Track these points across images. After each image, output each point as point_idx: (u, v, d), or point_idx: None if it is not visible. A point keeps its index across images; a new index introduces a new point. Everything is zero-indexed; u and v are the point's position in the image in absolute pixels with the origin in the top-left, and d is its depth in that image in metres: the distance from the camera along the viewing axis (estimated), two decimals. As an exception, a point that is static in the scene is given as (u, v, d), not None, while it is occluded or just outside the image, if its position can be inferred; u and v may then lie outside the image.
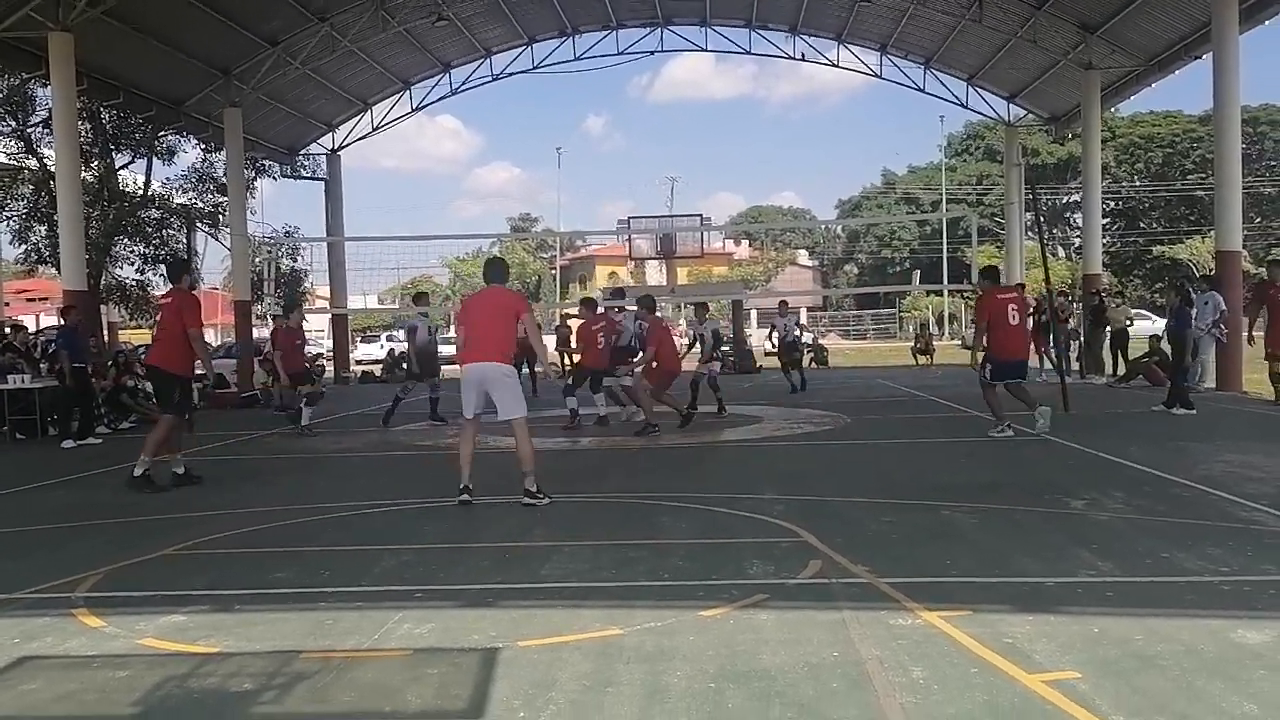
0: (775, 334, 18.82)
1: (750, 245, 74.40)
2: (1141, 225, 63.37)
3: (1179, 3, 19.14)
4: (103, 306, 22.36)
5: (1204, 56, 18.56)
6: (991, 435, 10.46)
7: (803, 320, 52.52)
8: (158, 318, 10.49)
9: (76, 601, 4.91)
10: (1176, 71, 21.44)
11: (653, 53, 28.70)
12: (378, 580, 5.23)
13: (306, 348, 14.63)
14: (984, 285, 11.03)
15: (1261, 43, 59.49)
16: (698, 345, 14.89)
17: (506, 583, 5.10)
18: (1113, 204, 60.92)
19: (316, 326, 33.60)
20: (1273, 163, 63.75)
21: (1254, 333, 13.37)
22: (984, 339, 10.59)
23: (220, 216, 25.11)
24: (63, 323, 15.04)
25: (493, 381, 7.34)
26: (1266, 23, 17.29)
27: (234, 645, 4.20)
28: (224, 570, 5.58)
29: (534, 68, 28.60)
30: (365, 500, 7.71)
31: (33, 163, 21.46)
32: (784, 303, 21.18)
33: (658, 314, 13.31)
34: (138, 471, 8.42)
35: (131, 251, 23.33)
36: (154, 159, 24.15)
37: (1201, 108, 54.33)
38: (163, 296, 9.90)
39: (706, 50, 28.94)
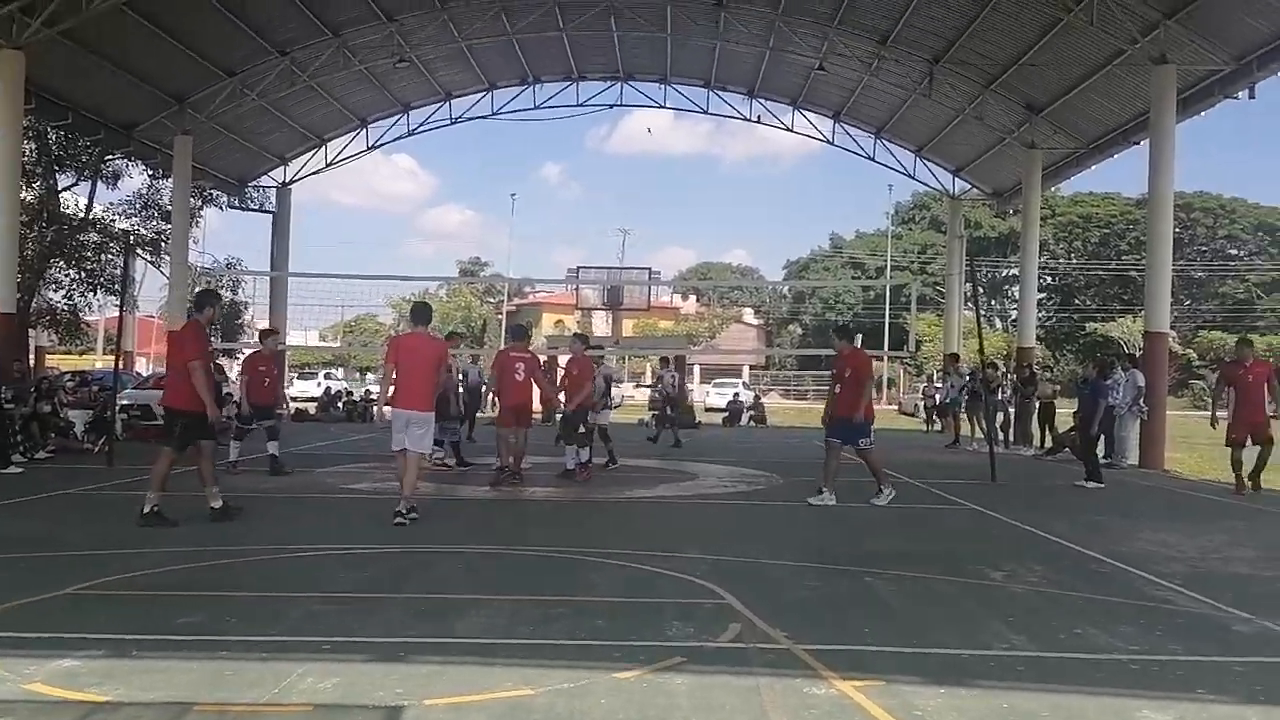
0: (660, 388, 19.42)
1: (697, 301, 75.01)
2: (1076, 301, 65.19)
3: (1120, 91, 19.88)
4: (31, 330, 21.77)
5: (1142, 143, 19.25)
6: (809, 501, 10.29)
7: (744, 379, 52.96)
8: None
9: (-35, 641, 4.70)
10: (1115, 155, 22.25)
11: (612, 106, 29.16)
12: (287, 629, 5.08)
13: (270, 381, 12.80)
14: (841, 345, 10.75)
15: (1199, 133, 61.82)
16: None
17: (420, 636, 4.98)
18: (1049, 279, 62.62)
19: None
20: (1203, 248, 66.19)
21: (1218, 414, 12.97)
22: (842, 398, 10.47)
23: (162, 244, 24.68)
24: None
25: (413, 422, 8.50)
26: (1202, 114, 18.04)
27: (125, 694, 4.04)
28: (127, 613, 5.40)
29: (494, 114, 28.84)
30: (286, 545, 7.52)
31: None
32: (666, 359, 21.94)
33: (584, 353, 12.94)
34: (146, 508, 8.15)
35: (66, 275, 22.79)
36: (98, 182, 23.78)
37: (1138, 191, 56.42)
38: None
39: (665, 108, 29.43)
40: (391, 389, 8.69)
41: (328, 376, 45.17)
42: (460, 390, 14.35)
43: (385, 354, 9.49)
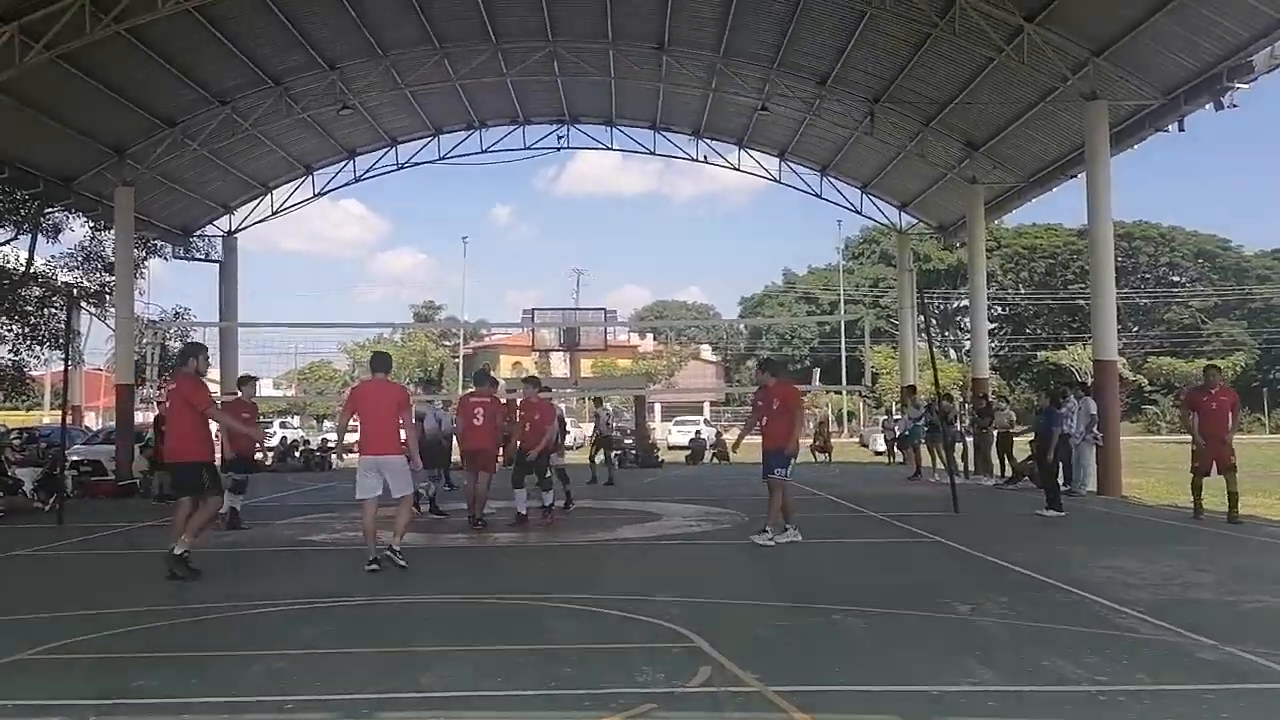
0: (597, 426, 20.21)
1: (655, 339, 75.24)
2: (1027, 331, 66.41)
3: (1055, 126, 20.38)
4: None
5: (1079, 176, 19.68)
6: (761, 541, 10.00)
7: (705, 415, 53.06)
8: (166, 406, 9.67)
9: (-91, 715, 4.52)
10: (1055, 189, 22.70)
11: (559, 149, 29.22)
12: (249, 689, 4.95)
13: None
14: (765, 378, 10.83)
15: (1134, 164, 63.47)
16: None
17: (385, 692, 4.88)
18: (1000, 309, 63.80)
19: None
20: (1146, 275, 67.89)
21: (1200, 435, 12.04)
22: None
23: (106, 296, 24.27)
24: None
25: (388, 468, 8.63)
26: (1134, 147, 18.52)
27: (83, 765, 3.90)
28: (83, 677, 5.25)
29: (441, 158, 28.76)
30: (246, 600, 7.35)
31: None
32: (599, 399, 22.64)
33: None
34: (179, 550, 8.20)
35: (8, 331, 22.30)
36: (39, 236, 23.36)
37: (1079, 222, 57.84)
38: (168, 385, 10.18)
39: (612, 149, 29.54)
40: (353, 437, 8.85)
41: (284, 425, 44.45)
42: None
43: (345, 404, 9.50)
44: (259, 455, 13.40)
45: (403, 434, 9.02)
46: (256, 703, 4.70)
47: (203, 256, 28.73)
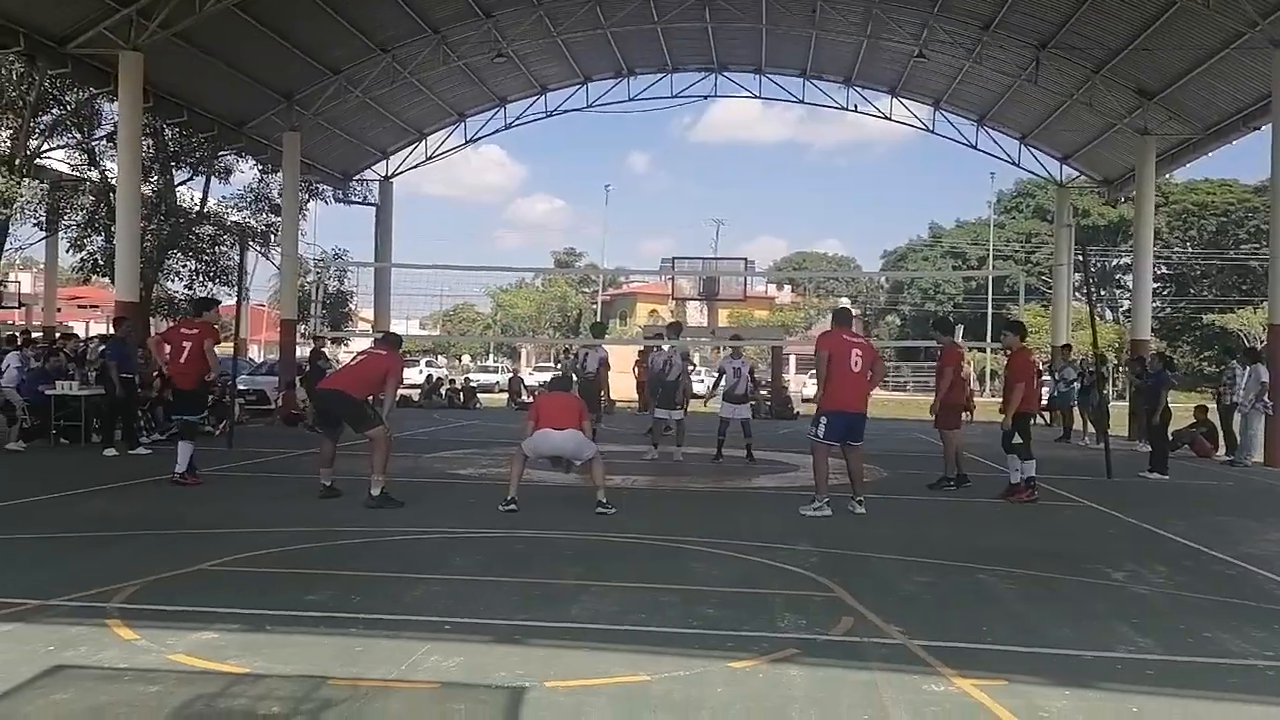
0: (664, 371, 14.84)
1: (793, 291, 74.31)
2: (1192, 292, 62.59)
3: (1239, 74, 19.00)
4: (152, 319, 22.74)
5: (1262, 128, 18.40)
6: (802, 512, 9.02)
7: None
8: (359, 360, 9.69)
9: (111, 612, 4.96)
10: (1234, 141, 21.28)
11: (707, 97, 29.05)
12: (408, 609, 5.24)
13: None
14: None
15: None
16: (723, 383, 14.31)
17: (535, 620, 5.08)
18: (1163, 269, 60.26)
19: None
20: (1330, 237, 62.75)
21: None
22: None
23: (272, 236, 25.54)
24: (113, 332, 15.34)
25: (565, 447, 8.87)
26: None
27: (264, 666, 4.22)
28: (258, 589, 5.63)
29: (588, 106, 28.99)
30: (398, 527, 7.73)
31: (94, 175, 21.99)
32: (660, 334, 19.39)
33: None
34: (375, 491, 8.70)
35: (184, 266, 23.74)
36: (212, 177, 24.68)
37: (1258, 178, 53.90)
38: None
39: (759, 98, 29.18)
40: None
41: (429, 364, 46.15)
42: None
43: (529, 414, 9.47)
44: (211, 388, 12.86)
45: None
46: (417, 621, 4.96)
47: (360, 200, 29.90)
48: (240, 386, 18.58)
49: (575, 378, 12.03)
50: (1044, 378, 17.91)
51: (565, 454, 8.93)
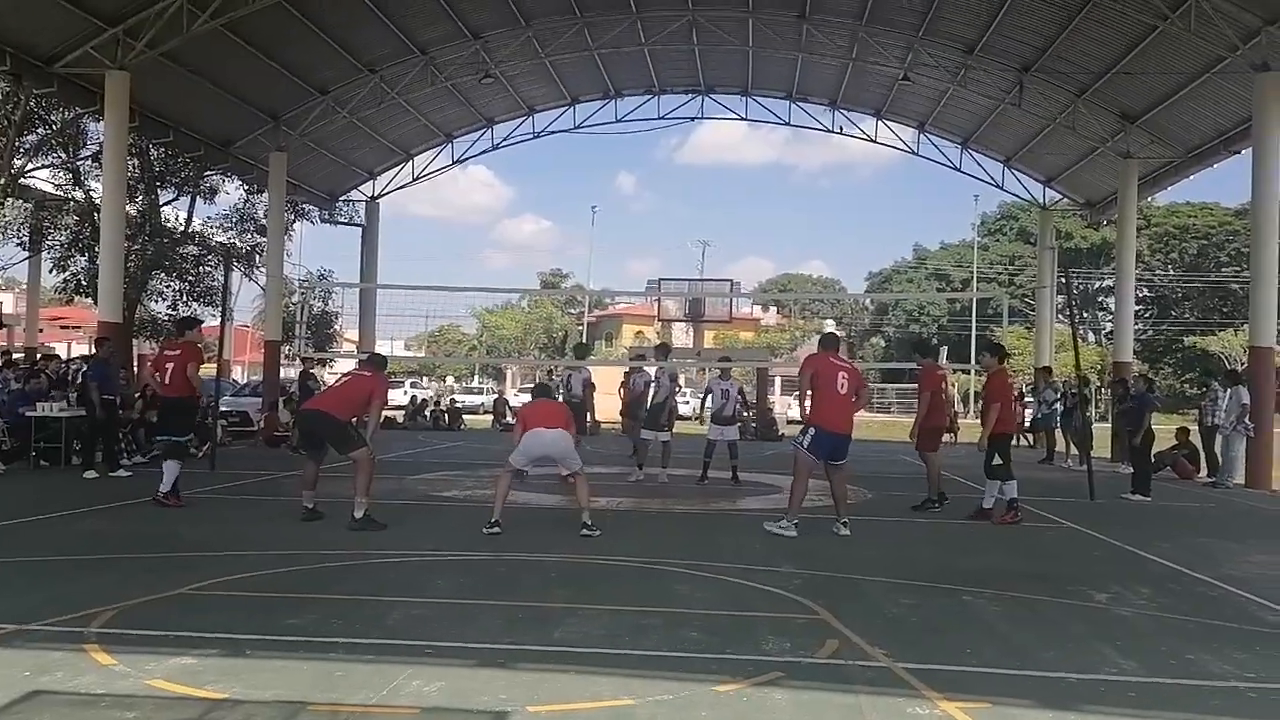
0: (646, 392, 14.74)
1: (778, 312, 74.51)
2: (1173, 314, 63.06)
3: (1220, 97, 19.22)
4: (135, 340, 22.61)
5: (1243, 151, 18.60)
6: (767, 528, 9.01)
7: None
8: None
9: (89, 637, 4.91)
10: (1215, 165, 21.48)
11: (693, 119, 29.19)
12: (389, 633, 5.20)
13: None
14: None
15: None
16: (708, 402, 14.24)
17: (519, 644, 5.05)
18: (1145, 291, 60.71)
19: (344, 370, 33.86)
20: (1309, 259, 63.36)
21: None
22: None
23: (257, 257, 25.45)
24: (95, 353, 15.25)
25: (554, 447, 8.80)
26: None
27: (242, 692, 4.18)
28: (237, 613, 5.57)
29: (576, 128, 29.09)
30: (381, 550, 7.69)
31: (79, 195, 21.90)
32: (643, 355, 20.50)
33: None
34: (358, 513, 8.64)
35: (168, 287, 23.63)
36: (197, 197, 24.61)
37: (1238, 201, 54.46)
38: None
39: (746, 119, 29.30)
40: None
41: (414, 385, 45.98)
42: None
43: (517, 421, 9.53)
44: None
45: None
46: (399, 645, 4.93)
47: (346, 220, 29.88)
48: (223, 408, 18.48)
49: (560, 398, 12.03)
50: (1026, 400, 17.96)
51: (556, 455, 8.86)
